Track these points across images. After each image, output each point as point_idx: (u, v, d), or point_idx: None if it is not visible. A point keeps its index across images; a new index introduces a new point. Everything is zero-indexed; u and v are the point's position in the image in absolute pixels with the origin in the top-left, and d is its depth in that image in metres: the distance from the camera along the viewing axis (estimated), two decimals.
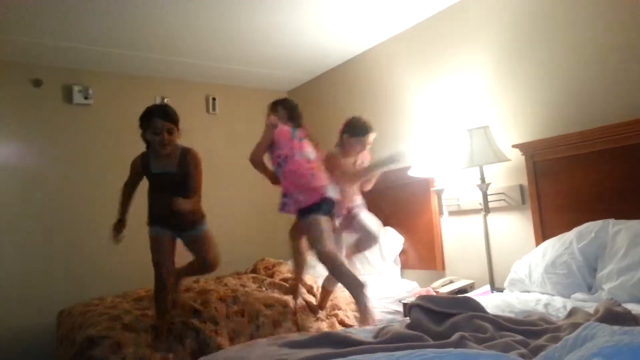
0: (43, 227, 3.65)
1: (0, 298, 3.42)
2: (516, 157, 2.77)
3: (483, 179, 2.76)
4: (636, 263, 1.95)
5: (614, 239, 2.11)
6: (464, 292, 2.86)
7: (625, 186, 2.32)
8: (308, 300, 2.88)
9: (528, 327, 1.52)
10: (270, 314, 2.66)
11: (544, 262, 2.29)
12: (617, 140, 2.32)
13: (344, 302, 2.91)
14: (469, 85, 3.12)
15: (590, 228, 2.25)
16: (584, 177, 2.47)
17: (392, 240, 3.50)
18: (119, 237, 2.57)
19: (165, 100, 4.17)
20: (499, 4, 2.96)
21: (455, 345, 1.31)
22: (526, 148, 2.72)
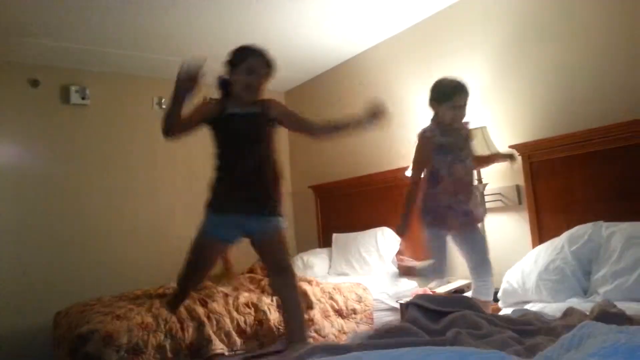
0: (40, 228, 3.64)
1: None
2: None
3: (480, 179, 2.77)
4: (631, 265, 1.95)
5: (608, 242, 2.10)
6: (461, 292, 2.87)
7: (620, 187, 2.33)
8: None
9: (523, 327, 1.52)
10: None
11: (537, 269, 2.24)
12: (613, 141, 2.34)
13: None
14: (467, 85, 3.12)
15: (581, 231, 2.23)
16: (580, 178, 2.48)
17: (390, 240, 3.51)
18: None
19: (162, 100, 4.16)
20: (496, 6, 2.98)
21: (450, 341, 1.31)
22: (523, 148, 2.73)
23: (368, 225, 3.71)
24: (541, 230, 2.64)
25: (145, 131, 4.08)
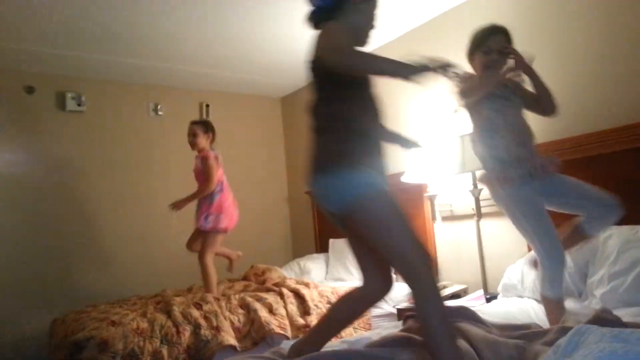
0: (36, 235, 3.62)
1: None
2: None
3: (475, 185, 2.77)
4: (627, 268, 1.96)
5: (605, 245, 2.12)
6: (458, 297, 2.87)
7: (617, 191, 2.33)
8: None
9: (521, 332, 1.53)
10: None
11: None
12: (610, 145, 2.35)
13: None
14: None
15: None
16: None
17: None
18: None
19: (158, 106, 4.17)
20: (494, 10, 2.99)
21: None
22: None
23: None
24: None
25: (141, 138, 4.08)
